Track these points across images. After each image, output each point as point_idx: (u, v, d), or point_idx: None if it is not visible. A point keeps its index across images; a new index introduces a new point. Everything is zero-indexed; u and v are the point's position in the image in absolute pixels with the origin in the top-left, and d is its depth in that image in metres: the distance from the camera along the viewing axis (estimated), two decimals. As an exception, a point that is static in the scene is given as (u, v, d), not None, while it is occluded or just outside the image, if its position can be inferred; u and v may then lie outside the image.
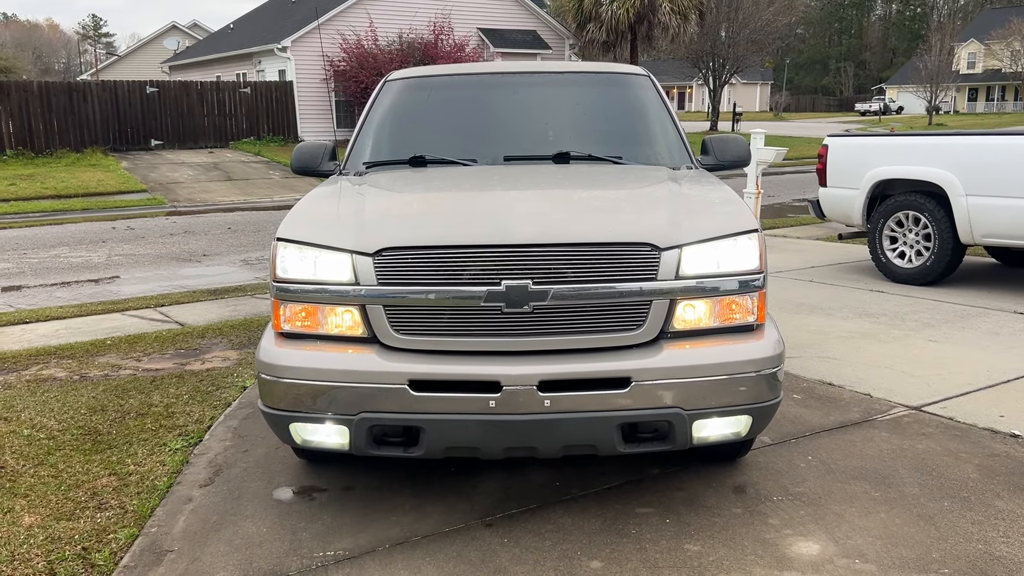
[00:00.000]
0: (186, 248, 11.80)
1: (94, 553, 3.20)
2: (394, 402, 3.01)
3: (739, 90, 73.33)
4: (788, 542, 3.20)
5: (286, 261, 3.20)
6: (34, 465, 4.03)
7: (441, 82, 4.91)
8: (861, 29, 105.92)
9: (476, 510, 3.50)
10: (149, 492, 3.72)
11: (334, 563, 3.12)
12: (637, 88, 4.73)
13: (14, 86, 24.56)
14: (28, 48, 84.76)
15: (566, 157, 4.15)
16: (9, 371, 5.62)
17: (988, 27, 69.69)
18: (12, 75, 40.20)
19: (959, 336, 6.05)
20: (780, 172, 22.27)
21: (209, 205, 17.82)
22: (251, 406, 4.73)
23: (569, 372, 2.99)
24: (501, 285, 2.96)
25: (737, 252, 3.17)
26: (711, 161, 4.37)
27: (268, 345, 3.24)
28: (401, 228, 3.23)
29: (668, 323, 3.09)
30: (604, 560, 3.09)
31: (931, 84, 52.94)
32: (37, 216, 15.97)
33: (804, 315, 6.76)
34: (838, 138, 8.77)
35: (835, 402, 4.74)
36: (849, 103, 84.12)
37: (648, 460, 3.91)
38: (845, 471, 3.82)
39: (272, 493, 3.71)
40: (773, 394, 3.19)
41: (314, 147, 4.47)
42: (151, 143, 26.02)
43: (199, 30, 52.05)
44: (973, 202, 7.29)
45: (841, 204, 8.53)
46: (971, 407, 4.61)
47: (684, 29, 30.97)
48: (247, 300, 7.94)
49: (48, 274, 9.85)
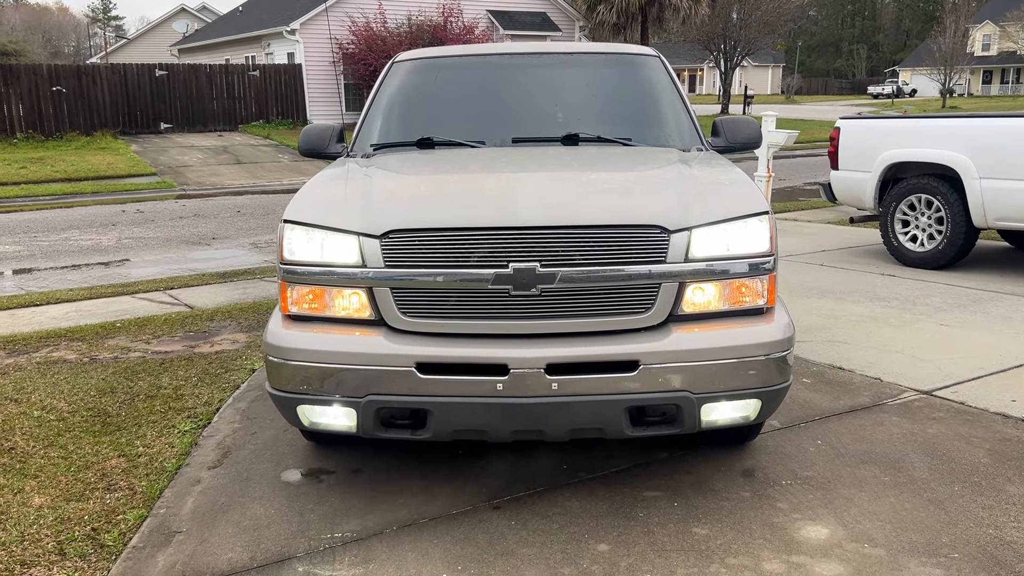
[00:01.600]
0: (195, 231, 11.82)
1: (103, 534, 3.22)
2: (401, 384, 3.00)
3: (750, 73, 72.73)
4: (797, 526, 3.19)
5: (293, 243, 3.19)
6: (44, 446, 4.05)
7: (449, 63, 4.87)
8: (874, 11, 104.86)
9: (484, 492, 3.50)
10: (158, 474, 3.74)
11: (341, 545, 3.12)
12: (647, 69, 4.68)
13: (24, 69, 24.58)
14: (38, 31, 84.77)
15: (575, 139, 4.11)
16: (20, 353, 5.65)
17: (1003, 8, 68.86)
18: (22, 58, 40.19)
19: (971, 320, 6.00)
20: (791, 155, 22.11)
21: (218, 188, 17.84)
22: (259, 388, 4.74)
23: (577, 355, 2.97)
24: (509, 267, 2.94)
25: (747, 235, 3.14)
26: (722, 143, 4.33)
27: (276, 328, 3.23)
28: (408, 210, 3.21)
29: (677, 306, 3.07)
30: (612, 543, 3.09)
31: (945, 66, 52.47)
32: (47, 199, 16.01)
33: (815, 299, 6.71)
34: (850, 121, 8.69)
35: (845, 386, 4.71)
36: (862, 86, 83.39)
37: (656, 443, 3.90)
38: (855, 455, 3.80)
39: (280, 475, 3.73)
40: (783, 378, 3.17)
41: (321, 129, 4.45)
42: (160, 126, 26.04)
43: (208, 13, 51.91)
44: (987, 185, 7.22)
45: (853, 187, 8.47)
46: (982, 391, 4.58)
47: (695, 11, 30.75)
48: (256, 283, 7.95)
49: (58, 257, 9.88)
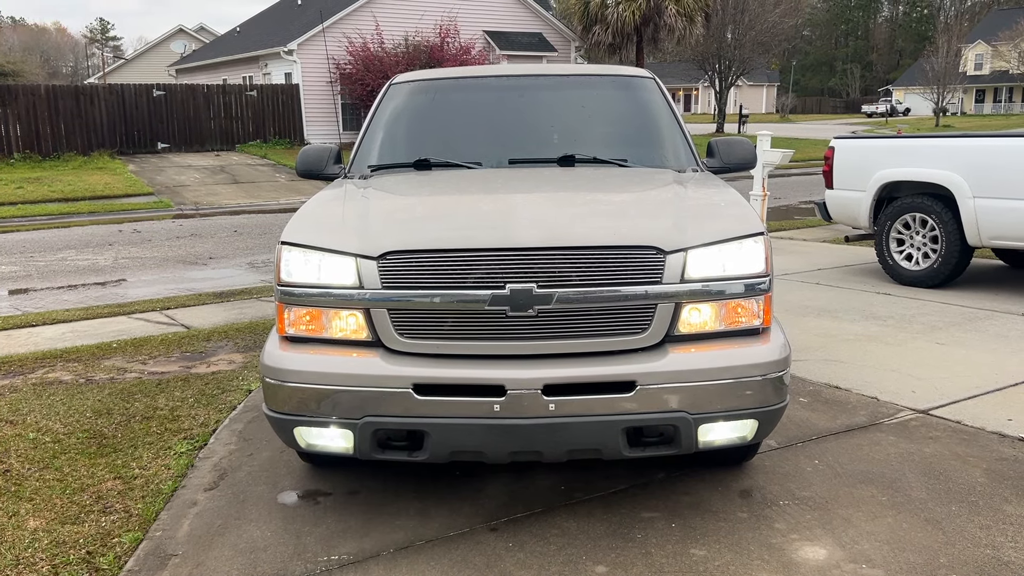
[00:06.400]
0: (192, 251, 11.82)
1: (98, 557, 3.20)
2: (398, 406, 3.00)
3: (745, 92, 73.23)
4: (794, 547, 3.18)
5: (290, 265, 3.20)
6: (39, 468, 4.03)
7: (446, 85, 4.90)
8: (868, 31, 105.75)
9: (481, 514, 3.48)
10: (154, 496, 3.72)
11: (338, 567, 3.11)
12: (642, 91, 4.72)
13: (21, 89, 24.65)
14: (36, 52, 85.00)
15: (571, 160, 4.14)
16: (15, 374, 5.63)
17: (995, 28, 69.48)
18: (20, 79, 40.25)
19: (967, 339, 6.02)
20: (786, 174, 22.21)
21: (215, 208, 17.86)
22: (256, 409, 4.73)
23: (574, 376, 2.97)
24: (506, 289, 2.95)
25: (743, 255, 3.16)
26: (717, 164, 4.36)
27: (272, 349, 3.23)
28: (405, 232, 3.22)
29: (673, 327, 3.08)
30: (609, 565, 3.08)
31: (938, 86, 52.83)
32: (44, 219, 16.01)
33: (811, 318, 6.73)
34: (845, 140, 8.75)
35: (842, 405, 4.71)
36: (856, 105, 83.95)
37: (654, 464, 3.90)
38: (852, 475, 3.80)
39: (277, 497, 3.71)
40: (779, 398, 3.18)
41: (319, 150, 4.49)
42: (158, 146, 26.10)
43: (205, 33, 52.21)
44: (980, 204, 7.26)
45: (848, 206, 8.51)
46: (979, 410, 4.58)
47: (690, 31, 30.93)
48: (253, 303, 7.95)
49: (55, 277, 9.87)
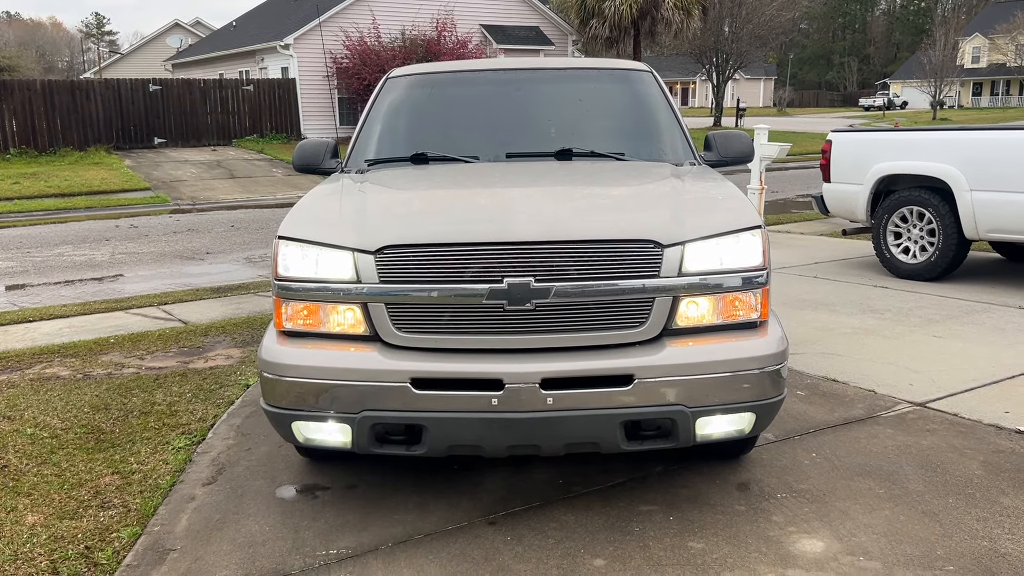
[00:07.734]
0: (189, 246, 11.80)
1: (97, 552, 3.20)
2: (396, 400, 3.00)
3: (743, 85, 73.15)
4: (792, 539, 3.19)
5: (288, 259, 3.20)
6: (37, 464, 4.03)
7: (443, 79, 4.89)
8: (865, 24, 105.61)
9: (479, 508, 3.49)
10: (152, 491, 3.72)
11: (337, 562, 3.11)
12: (640, 84, 4.71)
13: (17, 84, 24.55)
14: (31, 47, 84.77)
15: (568, 154, 4.13)
16: (13, 370, 5.63)
17: (993, 21, 69.51)
18: (15, 74, 40.16)
19: (964, 332, 6.03)
20: (784, 168, 22.21)
21: (212, 203, 17.83)
22: (254, 404, 4.73)
23: (572, 369, 2.98)
24: (503, 282, 2.95)
25: (740, 249, 3.16)
26: (714, 157, 4.35)
27: (270, 343, 3.23)
28: (403, 226, 3.22)
29: (671, 320, 3.08)
30: (607, 558, 3.08)
31: (935, 79, 52.90)
32: (40, 215, 15.98)
33: (808, 311, 6.74)
34: (842, 133, 8.75)
35: (839, 398, 4.72)
36: (853, 98, 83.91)
37: (651, 457, 3.90)
38: (849, 468, 3.81)
39: (275, 491, 3.71)
40: (777, 391, 3.18)
41: (316, 145, 4.47)
42: (154, 141, 26.02)
43: (202, 28, 52.01)
44: (978, 197, 7.27)
45: (845, 200, 8.51)
46: (976, 403, 4.59)
47: (687, 24, 30.87)
48: (250, 298, 7.94)
49: (52, 272, 9.86)
